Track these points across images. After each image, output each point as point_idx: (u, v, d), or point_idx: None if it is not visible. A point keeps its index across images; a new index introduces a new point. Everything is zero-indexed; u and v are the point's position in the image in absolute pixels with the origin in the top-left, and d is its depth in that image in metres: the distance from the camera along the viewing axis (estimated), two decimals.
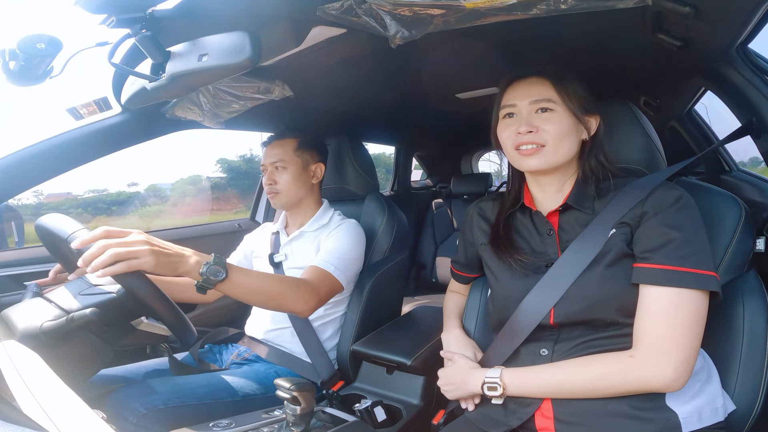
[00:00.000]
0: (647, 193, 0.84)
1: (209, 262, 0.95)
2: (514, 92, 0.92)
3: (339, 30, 1.00)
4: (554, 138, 0.88)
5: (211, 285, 0.95)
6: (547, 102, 0.89)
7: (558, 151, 0.88)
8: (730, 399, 0.85)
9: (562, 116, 0.88)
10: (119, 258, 0.83)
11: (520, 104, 0.91)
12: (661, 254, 0.79)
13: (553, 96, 0.89)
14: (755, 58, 1.05)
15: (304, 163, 1.47)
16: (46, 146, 1.21)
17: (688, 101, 1.86)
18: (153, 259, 0.86)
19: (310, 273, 1.26)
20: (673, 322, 0.76)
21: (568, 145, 0.89)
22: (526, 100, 0.90)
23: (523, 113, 0.91)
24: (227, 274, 0.96)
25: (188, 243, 1.88)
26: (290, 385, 0.86)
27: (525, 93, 0.91)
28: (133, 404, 1.06)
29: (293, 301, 1.13)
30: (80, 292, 0.99)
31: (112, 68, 0.96)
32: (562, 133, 0.88)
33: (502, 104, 0.94)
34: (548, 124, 0.88)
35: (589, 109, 0.91)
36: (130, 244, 0.85)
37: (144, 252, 0.86)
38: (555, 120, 0.88)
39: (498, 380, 0.88)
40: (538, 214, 0.96)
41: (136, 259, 0.85)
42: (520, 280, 0.91)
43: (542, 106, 0.89)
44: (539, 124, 0.88)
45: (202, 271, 0.93)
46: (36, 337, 0.87)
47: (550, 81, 0.90)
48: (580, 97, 0.90)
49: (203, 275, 0.93)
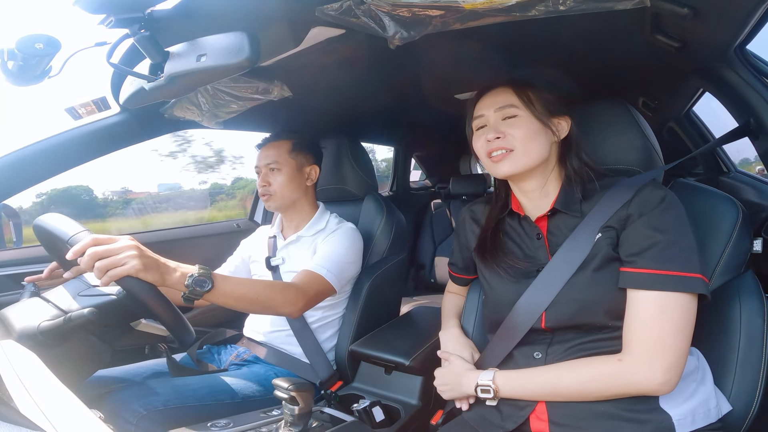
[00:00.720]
0: (632, 194, 0.85)
1: (194, 274, 0.96)
2: (482, 103, 0.97)
3: (338, 30, 1.00)
4: (521, 141, 0.90)
5: (197, 296, 0.96)
6: (510, 108, 0.92)
7: (527, 153, 0.90)
8: (725, 399, 0.85)
9: (526, 120, 0.91)
10: (106, 268, 0.85)
11: (487, 113, 0.95)
12: (646, 258, 0.79)
13: (515, 101, 0.93)
14: (753, 60, 1.05)
15: (299, 165, 1.46)
16: (44, 146, 1.21)
17: (686, 102, 1.86)
18: (139, 264, 0.88)
19: (300, 276, 1.27)
20: (660, 325, 0.76)
21: (536, 147, 0.91)
22: (492, 108, 0.94)
23: (491, 121, 0.94)
24: (213, 285, 0.98)
25: (187, 243, 1.91)
26: (288, 385, 0.85)
27: (491, 102, 0.95)
28: (133, 405, 1.06)
29: (281, 304, 1.14)
30: (79, 292, 0.99)
31: (110, 68, 0.96)
32: (528, 136, 0.90)
33: (474, 116, 0.98)
34: (514, 128, 0.91)
35: (555, 111, 0.94)
36: (117, 251, 0.87)
37: (131, 257, 0.87)
38: (520, 124, 0.91)
39: (491, 383, 0.89)
40: (526, 218, 0.97)
41: (123, 266, 0.86)
42: (511, 285, 0.92)
43: (506, 113, 0.93)
44: (506, 129, 0.92)
45: (188, 283, 0.94)
46: (33, 337, 0.87)
47: (512, 89, 0.94)
48: (544, 101, 0.93)
49: (189, 287, 0.95)
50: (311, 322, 1.41)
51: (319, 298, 1.28)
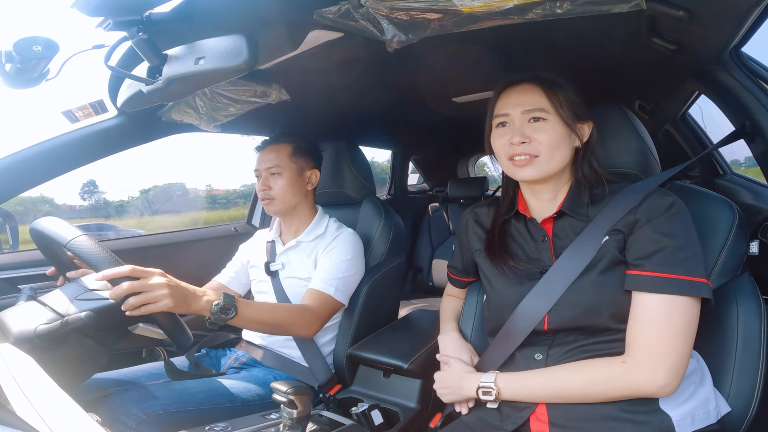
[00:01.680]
0: (640, 200, 0.84)
1: (219, 302, 1.03)
2: (507, 100, 0.92)
3: (336, 34, 1.00)
4: (547, 148, 0.87)
5: (221, 322, 1.05)
6: (539, 111, 0.88)
7: (551, 161, 0.88)
8: (724, 401, 0.85)
9: (555, 125, 0.88)
10: (140, 303, 0.92)
11: (513, 113, 0.90)
12: (653, 261, 0.79)
13: (545, 105, 0.88)
14: (749, 62, 1.06)
15: (300, 169, 1.45)
16: (41, 149, 1.21)
17: (682, 105, 1.87)
18: (171, 302, 0.95)
19: (312, 298, 1.30)
20: (665, 328, 0.76)
21: (561, 154, 0.89)
22: (519, 109, 0.90)
23: (516, 123, 0.90)
24: (237, 312, 1.06)
25: (186, 246, 1.90)
26: (287, 388, 0.85)
27: (517, 102, 0.90)
28: (131, 409, 1.05)
29: (298, 327, 1.24)
30: (76, 296, 0.99)
31: (107, 71, 0.96)
32: (554, 143, 0.88)
33: (495, 113, 0.94)
34: (541, 134, 0.88)
35: (582, 115, 0.91)
36: (151, 288, 0.93)
37: (164, 296, 0.94)
38: (547, 130, 0.88)
39: (492, 385, 0.88)
40: (532, 220, 0.96)
41: (156, 304, 0.94)
42: (515, 287, 0.92)
43: (534, 115, 0.89)
44: (532, 134, 0.88)
45: (213, 310, 1.02)
46: (30, 341, 0.87)
47: (542, 88, 0.89)
48: (572, 105, 0.90)
49: (214, 314, 1.03)
50: None
51: (331, 315, 1.35)
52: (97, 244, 0.95)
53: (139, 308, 0.92)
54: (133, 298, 0.92)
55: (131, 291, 0.91)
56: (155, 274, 0.96)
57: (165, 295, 0.94)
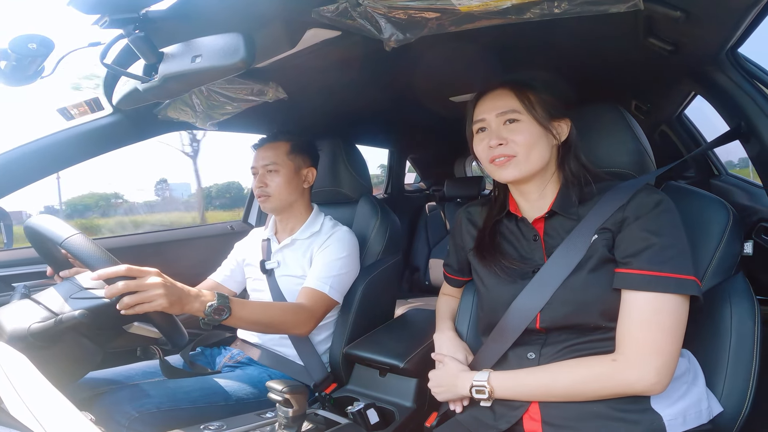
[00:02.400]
0: (628, 198, 0.85)
1: (213, 303, 1.04)
2: (483, 106, 0.96)
3: (334, 32, 1.00)
4: (523, 147, 0.90)
5: (215, 323, 1.06)
6: (512, 113, 0.92)
7: (529, 159, 0.90)
8: (716, 401, 0.86)
9: (528, 125, 0.91)
10: (135, 303, 0.92)
11: (489, 117, 0.94)
12: (641, 259, 0.80)
13: (517, 106, 0.91)
14: (745, 63, 1.06)
15: (297, 167, 1.45)
16: (36, 146, 1.20)
17: (678, 105, 1.88)
18: (166, 302, 0.95)
19: (306, 296, 1.30)
20: (654, 326, 0.77)
21: (538, 152, 0.91)
22: (493, 113, 0.93)
23: (493, 126, 0.94)
24: (230, 312, 1.07)
25: (181, 244, 1.90)
26: (282, 387, 0.85)
27: (491, 106, 0.94)
28: (125, 407, 1.05)
29: (293, 326, 1.25)
30: (70, 294, 0.98)
31: (103, 69, 0.95)
32: (530, 142, 0.90)
33: (474, 119, 0.97)
34: (516, 134, 0.91)
35: (556, 114, 0.93)
36: (147, 288, 0.93)
37: (159, 295, 0.94)
38: (522, 130, 0.91)
39: (486, 383, 0.89)
40: (523, 220, 0.97)
41: (150, 303, 0.94)
42: (507, 286, 0.93)
43: (508, 117, 0.92)
44: (508, 135, 0.91)
45: (207, 311, 1.03)
46: (24, 339, 0.86)
47: (513, 91, 0.93)
48: (545, 104, 0.92)
49: (208, 315, 1.03)
50: None
51: (326, 313, 1.35)
52: (91, 242, 0.95)
53: (134, 308, 0.92)
54: (128, 298, 0.91)
55: (126, 290, 0.91)
56: (151, 273, 0.95)
57: (160, 295, 0.94)
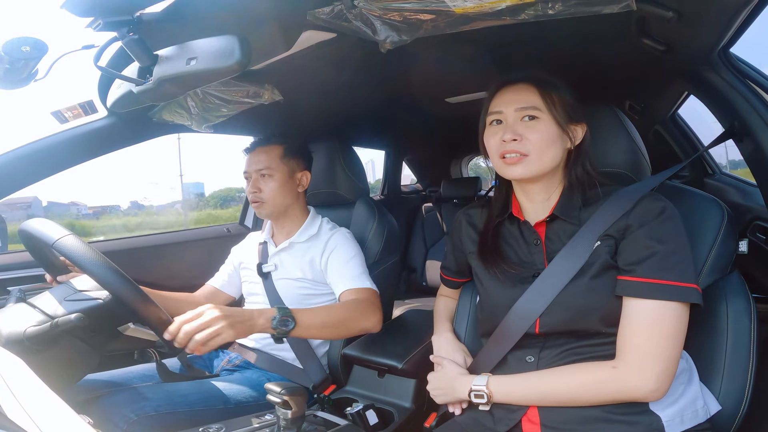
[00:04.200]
0: (632, 205, 0.84)
1: (275, 316, 1.04)
2: (502, 98, 0.92)
3: (329, 34, 1.00)
4: (538, 147, 0.87)
5: (285, 335, 1.06)
6: (532, 109, 0.88)
7: (542, 160, 0.88)
8: (713, 399, 0.86)
9: (547, 125, 0.88)
10: (205, 341, 0.93)
11: (506, 111, 0.90)
12: (644, 267, 0.79)
13: (539, 103, 0.88)
14: (737, 62, 1.07)
15: (291, 171, 1.44)
16: (29, 150, 1.19)
17: (671, 105, 1.89)
18: (233, 331, 0.97)
19: (355, 294, 1.30)
20: (655, 334, 0.77)
21: (552, 154, 0.89)
22: (512, 106, 0.90)
23: (509, 120, 0.90)
24: (295, 320, 1.07)
25: (178, 247, 1.89)
26: (281, 389, 0.85)
27: (511, 99, 0.90)
28: (123, 410, 1.05)
29: (361, 320, 1.23)
30: (66, 297, 0.98)
31: (97, 71, 0.95)
32: (546, 142, 0.87)
33: (490, 110, 0.94)
34: (533, 132, 0.87)
35: (575, 117, 0.90)
36: (209, 324, 0.94)
37: (224, 328, 0.95)
38: (540, 128, 0.88)
39: (484, 388, 0.89)
40: (525, 223, 0.96)
41: (219, 336, 0.95)
42: (507, 290, 0.92)
43: (528, 113, 0.88)
44: (524, 132, 0.88)
45: (274, 325, 1.03)
46: (20, 343, 0.86)
47: (537, 88, 0.89)
48: (566, 105, 0.89)
49: (276, 328, 1.04)
50: None
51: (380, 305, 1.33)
52: (84, 243, 0.94)
53: (207, 344, 0.94)
54: (198, 337, 0.93)
55: (194, 333, 0.92)
56: (206, 309, 0.97)
57: (225, 327, 0.95)
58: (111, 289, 0.93)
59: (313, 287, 1.42)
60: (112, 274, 0.91)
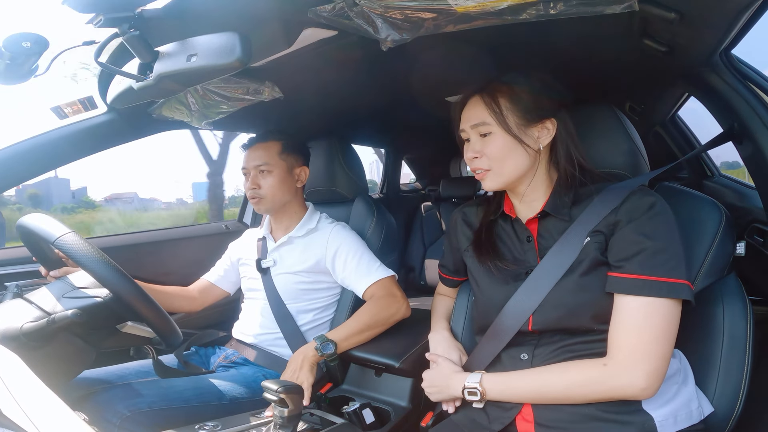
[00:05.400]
0: (622, 200, 0.85)
1: (317, 345, 1.21)
2: (463, 115, 0.95)
3: (330, 32, 1.00)
4: (495, 161, 0.90)
5: (333, 356, 1.23)
6: (483, 126, 0.91)
7: (503, 171, 0.90)
8: (707, 401, 0.86)
9: (499, 137, 0.89)
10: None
11: (467, 129, 0.94)
12: (634, 263, 0.79)
13: (486, 117, 0.90)
14: (738, 64, 1.07)
15: (289, 167, 1.44)
16: (30, 145, 1.19)
17: (672, 106, 1.89)
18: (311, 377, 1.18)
19: (374, 289, 1.36)
20: (645, 331, 0.77)
21: (512, 163, 0.90)
22: (468, 124, 0.93)
23: (472, 138, 0.94)
24: (335, 342, 1.23)
25: (176, 244, 1.89)
26: (278, 387, 0.85)
27: (467, 117, 0.94)
28: (116, 406, 1.05)
29: (391, 313, 1.34)
30: (63, 294, 0.97)
31: (98, 67, 0.95)
32: (500, 155, 0.90)
33: (459, 128, 0.97)
34: (488, 147, 0.90)
35: (535, 117, 0.89)
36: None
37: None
38: (493, 142, 0.90)
39: (478, 385, 0.89)
40: (517, 221, 0.97)
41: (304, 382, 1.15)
42: (501, 287, 0.93)
43: (480, 131, 0.91)
44: (482, 148, 0.91)
45: (317, 346, 1.21)
46: (16, 339, 0.86)
47: (483, 101, 0.91)
48: (520, 109, 0.89)
49: (323, 351, 1.21)
50: (302, 325, 1.40)
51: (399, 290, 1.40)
52: (84, 241, 0.94)
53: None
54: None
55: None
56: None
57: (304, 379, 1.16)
58: (110, 287, 0.93)
59: (312, 282, 1.42)
60: (111, 272, 0.91)
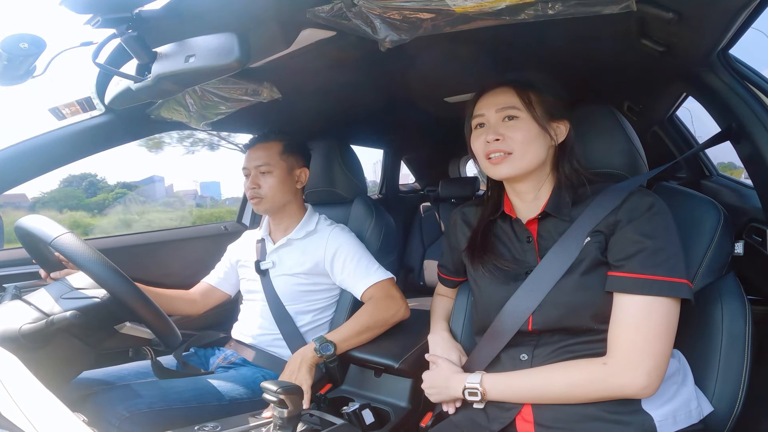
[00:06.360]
0: (621, 200, 0.85)
1: (316, 346, 1.22)
2: (483, 102, 0.95)
3: (329, 32, 1.00)
4: (520, 145, 0.89)
5: (333, 357, 1.24)
6: (511, 109, 0.91)
7: (525, 157, 0.90)
8: (706, 401, 0.86)
9: (527, 123, 0.90)
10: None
11: (488, 113, 0.93)
12: (634, 262, 0.80)
13: (517, 103, 0.91)
14: (736, 64, 1.07)
15: (289, 168, 1.44)
16: (28, 146, 1.18)
17: (670, 106, 1.89)
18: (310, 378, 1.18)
19: (372, 291, 1.37)
20: (645, 330, 0.77)
21: (534, 150, 0.90)
22: (493, 108, 0.93)
23: (491, 122, 0.93)
24: (335, 343, 1.23)
25: (175, 245, 1.89)
26: (277, 387, 0.85)
27: (491, 102, 0.94)
28: (116, 407, 1.04)
29: (388, 315, 1.34)
30: (62, 295, 0.97)
31: (96, 68, 0.95)
32: (527, 140, 0.90)
33: (473, 115, 0.97)
34: (514, 131, 0.90)
35: (556, 115, 0.93)
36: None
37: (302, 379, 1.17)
38: (520, 127, 0.90)
39: (478, 386, 0.89)
40: (517, 221, 0.97)
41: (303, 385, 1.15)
42: (500, 287, 0.93)
43: (507, 113, 0.91)
44: (505, 131, 0.90)
45: (316, 347, 1.22)
46: (15, 340, 0.86)
47: (515, 89, 0.92)
48: (545, 104, 0.92)
49: (322, 352, 1.22)
50: (301, 326, 1.40)
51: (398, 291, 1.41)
52: (81, 241, 0.94)
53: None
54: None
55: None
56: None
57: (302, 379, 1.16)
58: (107, 287, 0.93)
59: (311, 284, 1.42)
60: (108, 272, 0.91)
